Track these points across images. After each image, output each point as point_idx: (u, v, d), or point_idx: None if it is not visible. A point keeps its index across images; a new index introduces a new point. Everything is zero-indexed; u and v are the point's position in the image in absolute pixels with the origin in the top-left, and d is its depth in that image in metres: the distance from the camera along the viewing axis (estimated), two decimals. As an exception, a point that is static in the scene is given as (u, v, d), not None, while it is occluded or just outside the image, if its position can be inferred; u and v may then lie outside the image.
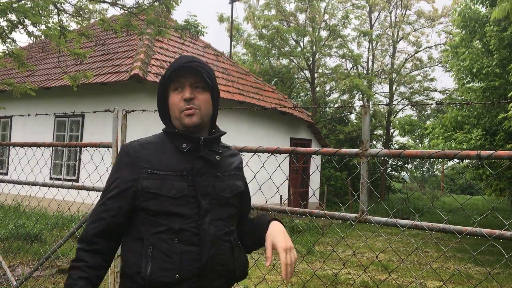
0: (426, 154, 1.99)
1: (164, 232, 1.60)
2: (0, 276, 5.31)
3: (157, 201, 1.62)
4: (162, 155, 1.68)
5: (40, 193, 4.97)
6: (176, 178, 1.65)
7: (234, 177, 1.81)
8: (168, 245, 1.59)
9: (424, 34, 24.07)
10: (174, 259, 1.59)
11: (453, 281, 7.17)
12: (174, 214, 1.62)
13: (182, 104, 1.69)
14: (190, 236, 1.61)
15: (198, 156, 1.70)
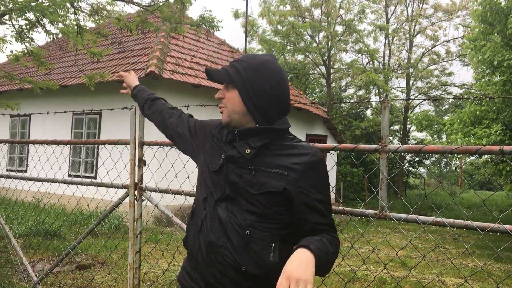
0: (448, 149, 1.95)
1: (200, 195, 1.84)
2: (21, 271, 5.39)
3: (205, 167, 1.87)
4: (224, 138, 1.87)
5: (59, 190, 5.03)
6: (219, 156, 1.82)
7: (275, 175, 1.69)
8: (200, 209, 1.82)
9: (442, 28, 23.72)
10: (199, 224, 1.79)
11: (473, 278, 7.08)
12: (208, 186, 1.81)
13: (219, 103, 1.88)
14: (209, 212, 1.77)
15: (232, 145, 1.81)
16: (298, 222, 1.71)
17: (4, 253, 6.10)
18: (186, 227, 1.89)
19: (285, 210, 1.69)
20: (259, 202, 1.68)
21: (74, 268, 6.15)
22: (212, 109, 11.15)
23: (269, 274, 1.65)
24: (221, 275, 1.68)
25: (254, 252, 1.66)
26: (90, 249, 7.05)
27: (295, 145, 1.75)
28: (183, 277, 1.85)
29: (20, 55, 7.58)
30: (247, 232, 1.66)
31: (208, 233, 1.73)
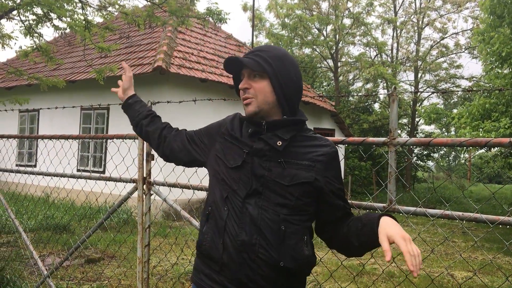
0: (457, 142, 1.93)
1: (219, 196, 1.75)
2: (31, 265, 5.44)
3: (219, 166, 1.80)
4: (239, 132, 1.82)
5: (68, 185, 5.06)
6: (239, 151, 1.76)
7: (305, 166, 1.71)
8: (220, 210, 1.73)
9: (450, 20, 23.55)
10: (220, 226, 1.70)
11: (482, 271, 7.05)
12: (228, 184, 1.74)
13: (241, 94, 1.79)
14: (235, 210, 1.69)
15: (260, 138, 1.74)
16: (329, 210, 1.78)
17: (15, 247, 6.16)
18: (200, 231, 1.81)
19: (313, 201, 1.74)
20: (291, 194, 1.68)
21: (83, 262, 6.20)
22: (219, 103, 11.16)
23: (303, 267, 1.70)
24: (254, 273, 1.64)
25: (289, 246, 1.66)
26: (100, 243, 7.10)
27: (316, 136, 1.81)
28: (201, 280, 1.76)
29: (29, 51, 7.62)
30: (282, 227, 1.66)
31: (238, 232, 1.66)
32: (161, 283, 5.29)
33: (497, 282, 6.46)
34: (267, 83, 1.74)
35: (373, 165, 19.65)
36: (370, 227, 1.62)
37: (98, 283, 5.26)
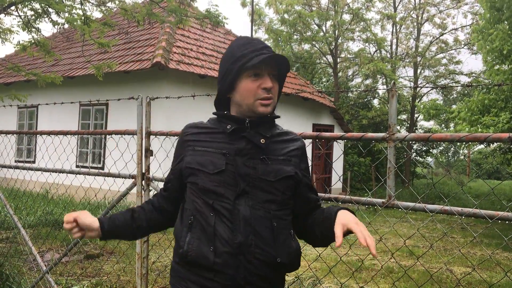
0: (456, 137, 1.93)
1: (201, 204, 1.67)
2: (30, 261, 5.44)
3: (196, 177, 1.69)
4: (208, 135, 1.75)
5: (67, 181, 5.06)
6: (217, 155, 1.69)
7: (284, 161, 1.75)
8: (206, 216, 1.65)
9: (450, 15, 23.42)
10: (208, 232, 1.63)
11: (481, 267, 7.07)
12: (211, 191, 1.66)
13: (260, 92, 1.69)
14: (226, 214, 1.63)
15: (241, 136, 1.71)
16: (303, 203, 1.81)
17: (14, 243, 6.16)
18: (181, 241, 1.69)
19: (293, 194, 1.77)
20: (277, 190, 1.70)
21: (82, 257, 6.20)
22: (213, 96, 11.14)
23: (294, 261, 1.74)
24: (251, 274, 1.63)
25: (282, 242, 1.69)
26: (98, 239, 7.10)
27: (286, 131, 1.85)
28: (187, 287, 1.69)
29: (27, 45, 7.60)
30: (274, 223, 1.67)
31: (232, 236, 1.61)
32: (160, 279, 5.30)
33: (496, 278, 6.48)
34: (277, 85, 1.77)
35: (372, 161, 19.66)
36: (329, 220, 1.66)
37: (97, 279, 5.27)
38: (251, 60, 1.67)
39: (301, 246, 1.82)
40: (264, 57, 1.66)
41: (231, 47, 1.77)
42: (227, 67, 1.72)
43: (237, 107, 1.75)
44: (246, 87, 1.70)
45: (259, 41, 1.75)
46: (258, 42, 1.74)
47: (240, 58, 1.69)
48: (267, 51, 1.70)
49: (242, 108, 1.73)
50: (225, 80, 1.73)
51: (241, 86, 1.70)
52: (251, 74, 1.69)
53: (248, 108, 1.71)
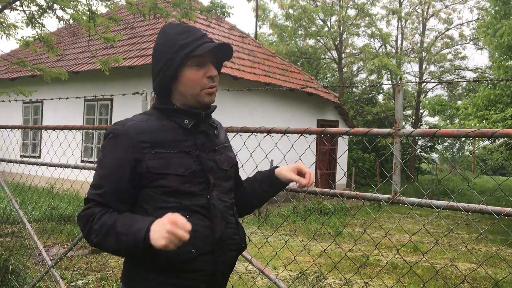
0: (463, 132, 1.92)
1: (172, 208, 1.53)
2: (36, 256, 5.47)
3: (166, 181, 1.56)
4: (163, 133, 1.61)
5: (72, 176, 5.07)
6: (181, 155, 1.60)
7: (228, 148, 1.82)
8: None
9: (456, 10, 23.26)
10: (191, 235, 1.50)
11: (485, 263, 7.05)
12: (184, 192, 1.58)
13: (206, 82, 1.64)
14: (202, 212, 1.60)
15: (199, 131, 1.67)
16: (238, 183, 1.90)
17: (19, 238, 6.19)
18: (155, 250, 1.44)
19: None
20: (230, 177, 1.77)
21: (87, 252, 6.23)
22: (222, 94, 11.12)
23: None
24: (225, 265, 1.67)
25: (240, 227, 1.78)
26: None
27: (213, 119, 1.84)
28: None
29: (30, 41, 7.60)
30: (235, 210, 1.77)
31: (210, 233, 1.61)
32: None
33: (501, 274, 6.46)
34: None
35: (376, 156, 19.61)
36: (270, 177, 1.88)
37: (102, 273, 5.29)
38: (196, 49, 1.60)
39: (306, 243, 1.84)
40: (211, 45, 1.61)
41: (167, 35, 1.66)
42: (169, 56, 1.62)
43: (181, 97, 1.66)
44: (191, 77, 1.63)
45: (197, 29, 1.68)
46: (197, 30, 1.67)
47: (183, 46, 1.61)
48: (208, 39, 1.66)
49: (186, 99, 1.65)
50: (167, 70, 1.63)
51: (185, 75, 1.63)
52: (195, 63, 1.63)
53: (194, 98, 1.64)
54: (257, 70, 12.87)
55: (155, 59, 1.68)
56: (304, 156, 3.24)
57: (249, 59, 13.24)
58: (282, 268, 5.92)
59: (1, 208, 7.91)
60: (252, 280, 5.33)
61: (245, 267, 5.64)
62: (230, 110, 11.88)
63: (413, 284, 5.66)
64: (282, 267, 5.94)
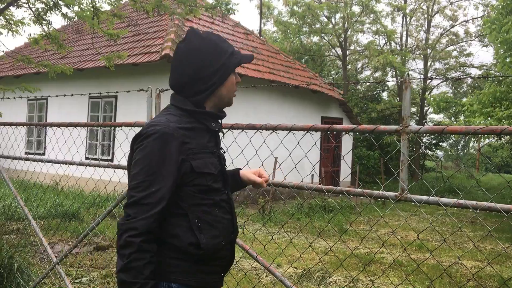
0: (471, 129, 1.90)
1: (207, 205, 1.72)
2: (41, 252, 5.48)
3: (203, 179, 1.70)
4: (197, 135, 1.74)
5: (77, 173, 5.07)
6: (210, 155, 1.76)
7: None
8: (212, 216, 1.73)
9: (461, 7, 23.17)
10: (218, 228, 1.75)
11: (491, 261, 7.01)
12: (215, 189, 1.75)
13: (235, 87, 1.86)
14: (225, 206, 1.80)
15: (216, 133, 1.84)
16: None
17: (24, 235, 6.21)
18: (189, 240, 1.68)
19: None
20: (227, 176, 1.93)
21: (92, 249, 6.24)
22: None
23: None
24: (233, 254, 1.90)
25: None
26: (108, 231, 7.14)
27: None
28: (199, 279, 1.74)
29: (39, 38, 7.61)
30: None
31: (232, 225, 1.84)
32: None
33: (506, 272, 6.43)
34: None
35: (381, 154, 19.56)
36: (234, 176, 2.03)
37: (107, 270, 5.29)
38: (244, 58, 1.82)
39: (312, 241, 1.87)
40: (251, 56, 1.85)
41: (213, 41, 1.79)
42: (223, 62, 1.77)
43: (219, 100, 1.82)
44: (231, 82, 1.82)
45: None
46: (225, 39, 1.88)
47: (233, 54, 1.80)
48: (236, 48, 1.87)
49: (223, 102, 1.84)
50: (219, 74, 1.77)
51: (229, 81, 1.81)
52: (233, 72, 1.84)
53: (229, 101, 1.86)
54: (261, 67, 12.84)
55: (203, 64, 1.76)
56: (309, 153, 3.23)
57: (253, 56, 13.20)
58: (287, 265, 5.91)
59: (6, 205, 7.93)
60: (257, 278, 5.32)
61: (250, 265, 5.64)
62: (234, 107, 11.77)
63: (418, 282, 5.64)
64: (287, 265, 5.93)
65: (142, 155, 1.64)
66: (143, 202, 1.60)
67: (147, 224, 1.59)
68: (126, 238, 1.57)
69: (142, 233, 1.58)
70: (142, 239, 1.57)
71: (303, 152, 2.66)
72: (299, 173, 2.99)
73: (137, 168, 1.64)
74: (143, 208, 1.59)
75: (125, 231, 1.58)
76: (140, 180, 1.62)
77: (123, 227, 1.59)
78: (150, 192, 1.60)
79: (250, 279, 5.07)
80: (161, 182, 1.62)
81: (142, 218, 1.58)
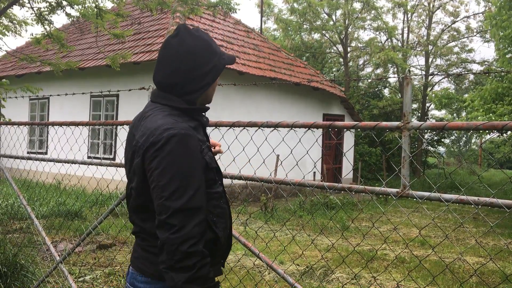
0: (473, 125, 1.90)
1: (215, 198, 1.75)
2: (44, 251, 5.50)
3: (212, 173, 1.74)
4: (198, 132, 1.76)
5: (79, 171, 5.08)
6: (208, 150, 1.78)
7: None
8: (220, 208, 1.77)
9: (463, 3, 23.03)
10: (225, 218, 1.80)
11: (493, 257, 7.01)
12: (217, 181, 1.79)
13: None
14: (225, 196, 1.84)
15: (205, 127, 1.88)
16: None
17: (27, 234, 6.22)
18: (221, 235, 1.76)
19: None
20: None
21: (95, 247, 6.25)
22: (228, 89, 11.13)
23: None
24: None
25: None
26: (111, 229, 7.16)
27: None
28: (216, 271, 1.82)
29: (41, 38, 7.62)
30: None
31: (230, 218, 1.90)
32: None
33: (509, 268, 6.43)
34: None
35: (382, 150, 19.54)
36: None
37: (110, 268, 5.31)
38: (229, 59, 1.83)
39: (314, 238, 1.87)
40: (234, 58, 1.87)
41: (206, 42, 1.77)
42: (214, 63, 1.77)
43: (206, 99, 1.84)
44: (216, 83, 1.84)
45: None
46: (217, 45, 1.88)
47: (221, 55, 1.81)
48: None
49: (208, 100, 1.85)
50: (211, 75, 1.77)
51: (213, 84, 1.83)
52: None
53: (209, 101, 1.87)
54: (262, 65, 12.84)
55: (197, 64, 1.73)
56: (310, 151, 3.23)
57: (254, 54, 13.20)
58: (290, 262, 5.92)
59: (9, 204, 7.95)
60: (259, 275, 5.33)
61: (253, 262, 5.65)
62: (236, 105, 11.87)
63: (421, 278, 5.64)
64: (290, 262, 5.94)
65: (167, 162, 1.57)
66: (186, 208, 1.54)
67: (201, 229, 1.56)
68: (188, 249, 1.51)
69: (200, 240, 1.55)
70: (202, 245, 1.56)
71: (304, 149, 2.66)
72: (301, 170, 3.00)
73: (167, 177, 1.56)
74: (189, 214, 1.55)
75: (182, 242, 1.51)
76: (174, 188, 1.55)
77: (176, 240, 1.51)
78: (189, 197, 1.56)
79: (252, 277, 5.08)
80: (195, 184, 1.59)
81: (195, 225, 1.55)
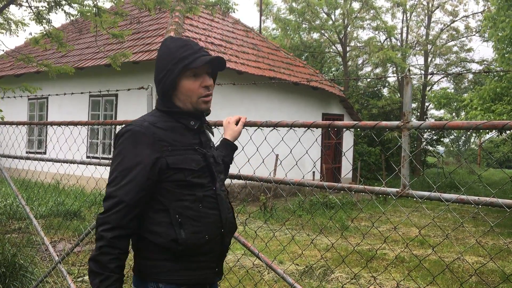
0: (473, 125, 1.89)
1: (188, 200, 1.77)
2: (43, 251, 5.49)
3: (181, 175, 1.76)
4: (174, 133, 1.81)
5: (78, 171, 5.07)
6: (192, 152, 1.82)
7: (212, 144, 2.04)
8: (194, 211, 1.77)
9: (462, 2, 23.05)
10: (202, 223, 1.78)
11: (493, 256, 7.01)
12: (196, 184, 1.79)
13: (201, 91, 1.86)
14: (211, 201, 1.83)
15: (202, 131, 1.92)
16: None
17: (26, 234, 6.21)
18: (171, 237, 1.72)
19: None
20: (223, 170, 2.04)
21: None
22: (227, 88, 11.12)
23: None
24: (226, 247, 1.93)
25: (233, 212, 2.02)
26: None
27: None
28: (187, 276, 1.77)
29: (39, 37, 7.60)
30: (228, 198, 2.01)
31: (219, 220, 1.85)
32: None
33: (508, 267, 6.43)
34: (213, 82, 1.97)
35: (382, 150, 19.55)
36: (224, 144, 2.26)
37: (109, 268, 5.29)
38: (193, 62, 1.81)
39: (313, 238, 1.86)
40: (208, 59, 1.82)
41: (168, 48, 1.87)
42: (168, 68, 1.83)
43: (182, 104, 1.86)
44: (188, 87, 1.84)
45: (195, 43, 1.90)
46: (194, 44, 1.88)
47: (181, 59, 1.82)
48: (204, 52, 1.87)
49: (186, 106, 1.86)
50: (166, 79, 1.83)
51: (183, 86, 1.83)
52: (192, 74, 1.84)
53: (192, 105, 1.86)
54: (261, 64, 12.83)
55: (157, 69, 1.89)
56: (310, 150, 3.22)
57: (253, 54, 13.19)
58: (289, 262, 5.91)
59: (7, 204, 7.94)
60: (259, 275, 5.33)
61: (252, 262, 5.64)
62: (236, 104, 11.85)
63: (421, 278, 5.64)
64: (289, 262, 5.94)
65: (116, 152, 1.76)
66: (113, 196, 1.69)
67: (118, 219, 1.67)
68: (100, 232, 1.67)
69: (114, 227, 1.67)
70: (113, 235, 1.66)
71: (304, 149, 2.65)
72: (300, 170, 2.99)
73: (113, 165, 1.75)
74: (114, 201, 1.68)
75: (100, 224, 1.68)
76: (114, 176, 1.72)
77: (99, 220, 1.70)
78: (119, 187, 1.69)
79: (252, 276, 5.07)
80: (129, 178, 1.70)
81: (114, 212, 1.67)
